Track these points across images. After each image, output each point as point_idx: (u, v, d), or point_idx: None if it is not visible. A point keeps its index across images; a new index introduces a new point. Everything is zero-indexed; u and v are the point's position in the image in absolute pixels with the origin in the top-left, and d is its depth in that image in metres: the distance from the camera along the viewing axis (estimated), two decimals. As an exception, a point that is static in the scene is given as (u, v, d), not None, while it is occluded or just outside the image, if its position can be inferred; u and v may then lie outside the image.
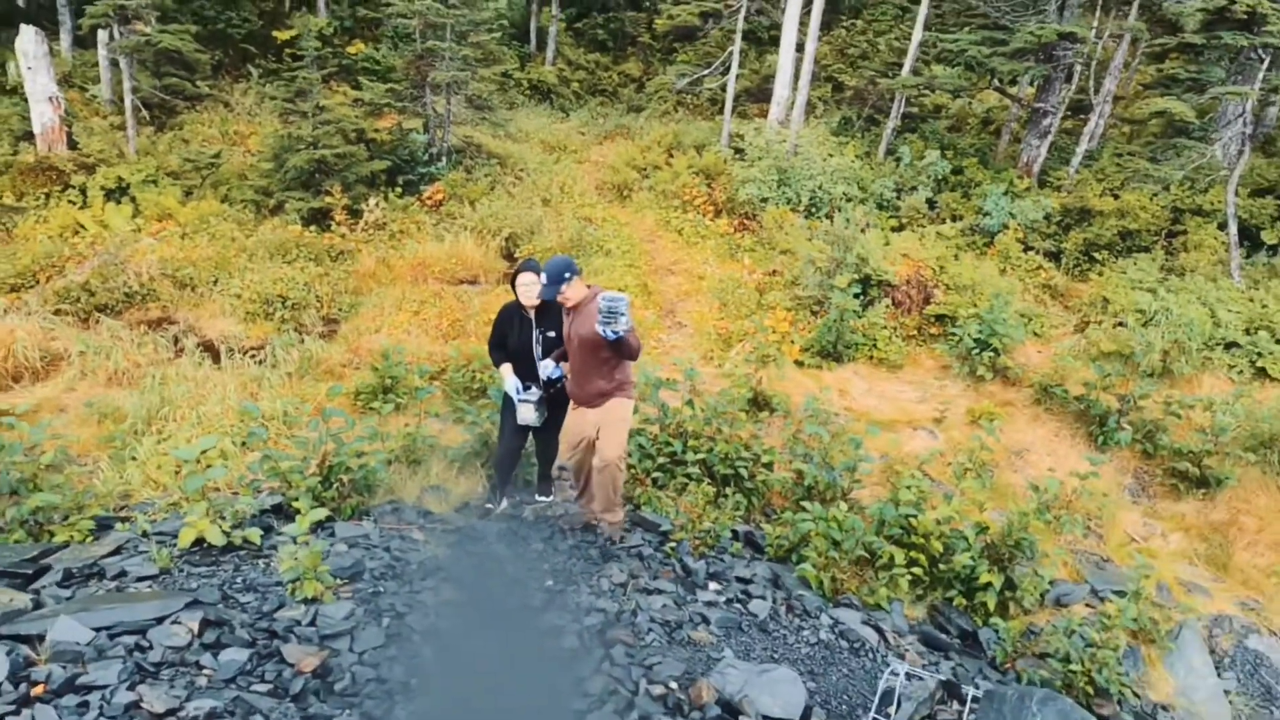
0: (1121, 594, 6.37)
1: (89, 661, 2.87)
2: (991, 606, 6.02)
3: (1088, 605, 6.60)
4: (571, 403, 5.29)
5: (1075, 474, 7.01)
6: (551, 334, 5.24)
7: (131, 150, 13.47)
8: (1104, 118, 15.48)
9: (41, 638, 3.02)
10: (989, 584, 6.04)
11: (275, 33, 17.97)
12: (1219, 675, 6.16)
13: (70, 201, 12.22)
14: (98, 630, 3.10)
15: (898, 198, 14.06)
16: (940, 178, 14.35)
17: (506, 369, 5.38)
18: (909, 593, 5.97)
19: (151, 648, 3.04)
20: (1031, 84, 17.09)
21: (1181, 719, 5.71)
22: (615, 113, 19.15)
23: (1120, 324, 10.47)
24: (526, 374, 5.35)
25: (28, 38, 12.46)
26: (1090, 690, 5.39)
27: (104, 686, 2.73)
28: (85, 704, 2.62)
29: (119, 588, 3.76)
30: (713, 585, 4.94)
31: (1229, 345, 10.19)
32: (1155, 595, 6.62)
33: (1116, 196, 13.45)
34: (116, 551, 4.32)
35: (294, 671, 3.09)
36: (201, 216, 12.13)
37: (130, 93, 13.37)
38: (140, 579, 3.85)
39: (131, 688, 2.73)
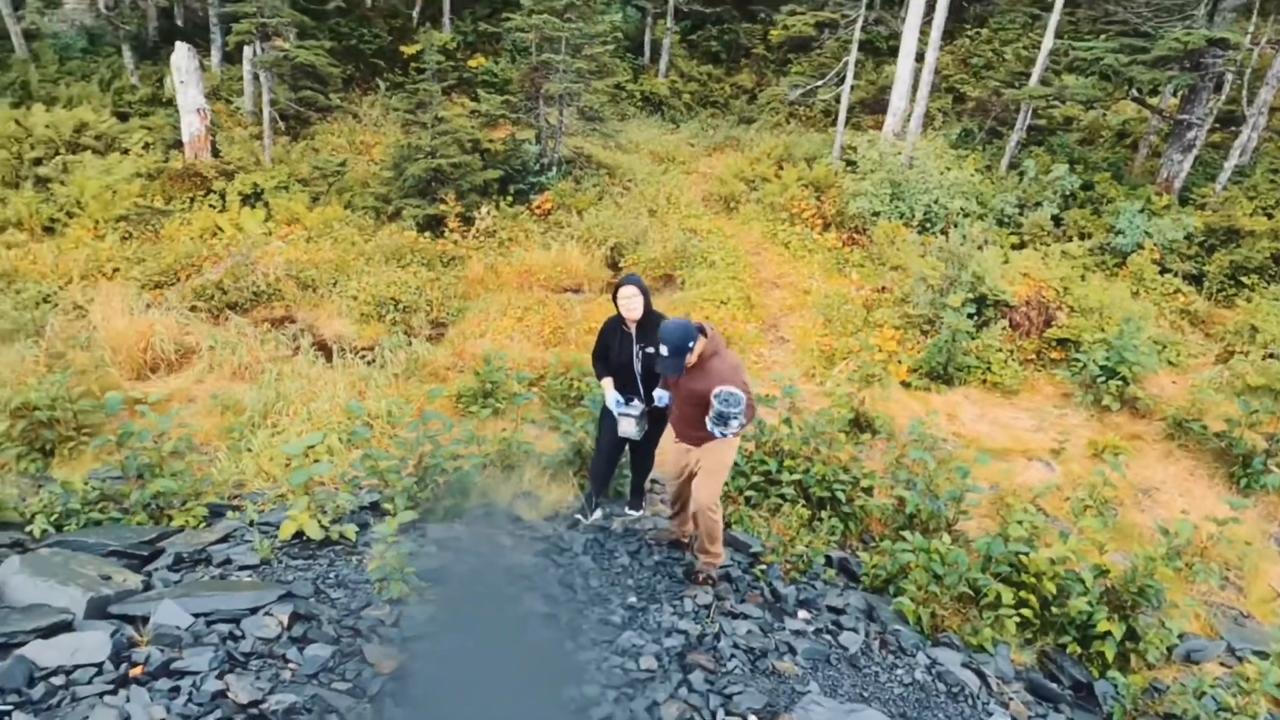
0: (1264, 655, 5.75)
1: (185, 647, 3.00)
2: (1110, 657, 5.54)
3: (1222, 664, 5.99)
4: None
5: (1212, 518, 6.40)
6: (651, 350, 5.01)
7: (267, 158, 14.37)
8: (1258, 130, 14.27)
9: (146, 619, 3.17)
10: (1108, 633, 5.56)
11: (403, 48, 18.85)
12: (1379, 755, 5.46)
13: (211, 206, 13.12)
14: (197, 616, 3.23)
15: (1020, 214, 13.36)
16: (1068, 193, 13.55)
17: (608, 383, 5.29)
18: (1016, 636, 5.58)
19: (243, 637, 3.15)
20: (1175, 94, 15.96)
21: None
22: (726, 124, 19.06)
23: (1271, 355, 9.55)
24: (627, 387, 5.25)
25: (181, 54, 13.46)
26: (1223, 761, 4.88)
27: (195, 673, 2.83)
28: (176, 689, 2.73)
29: (222, 575, 3.93)
30: (802, 613, 4.74)
31: (1400, 384, 9.10)
32: (1304, 659, 5.94)
33: (1270, 215, 12.35)
34: (225, 539, 4.53)
35: (373, 672, 3.13)
36: (326, 221, 12.79)
37: (268, 104, 14.26)
38: (242, 568, 4.02)
39: (220, 676, 2.83)
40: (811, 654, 4.23)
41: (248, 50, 15.37)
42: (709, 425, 4.29)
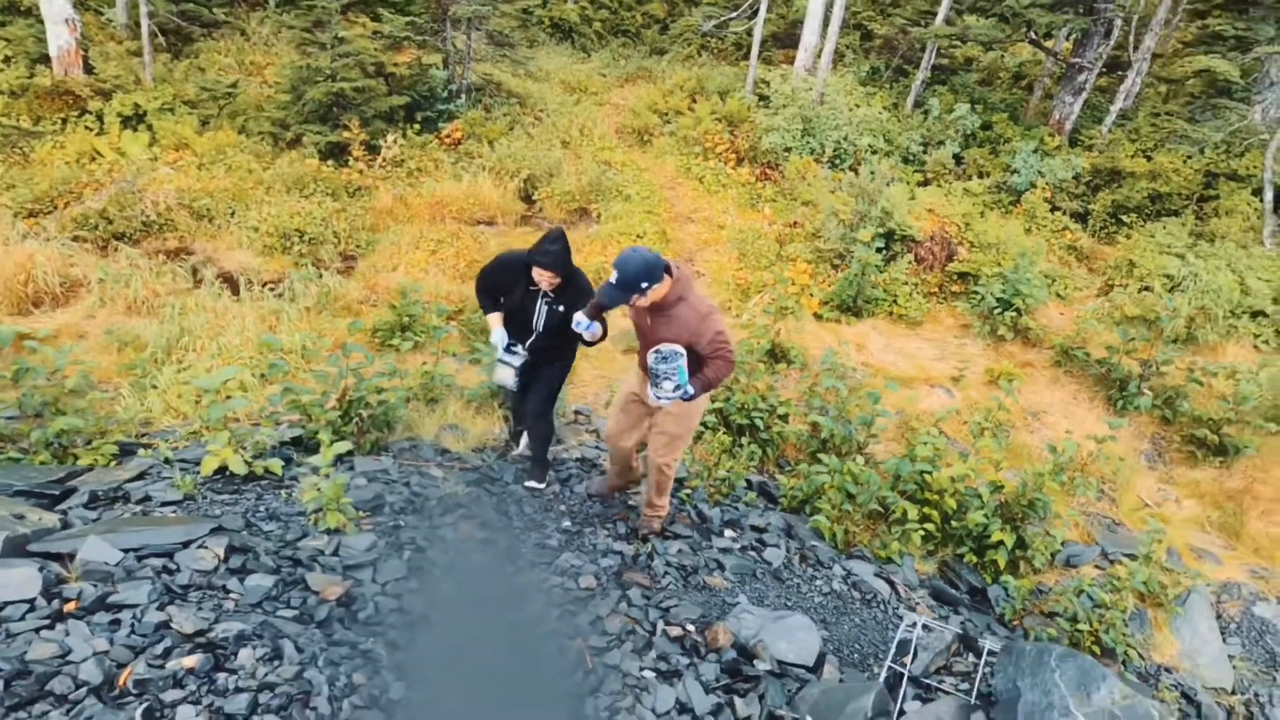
0: (1132, 557, 6.38)
1: (118, 581, 2.91)
2: (1002, 565, 6.06)
3: (1097, 567, 6.62)
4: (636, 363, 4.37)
5: (1092, 437, 6.99)
6: (561, 309, 4.35)
7: (148, 77, 13.27)
8: (1141, 76, 15.05)
9: (71, 556, 3.06)
10: (1000, 542, 6.06)
11: (293, -41, 17.56)
12: (1224, 640, 6.20)
13: (87, 128, 12.09)
14: (126, 551, 3.13)
15: (924, 152, 13.79)
16: (969, 133, 14.05)
17: (495, 318, 4.54)
18: (920, 548, 6.01)
19: (179, 570, 3.08)
20: (1069, 38, 16.61)
21: (1184, 680, 5.76)
22: (638, 54, 18.73)
23: (1146, 288, 10.32)
24: (516, 334, 4.54)
25: (43, -44, 12.18)
26: (1096, 650, 5.45)
27: (134, 605, 2.76)
28: (117, 621, 2.66)
29: (144, 512, 3.80)
30: (728, 532, 4.97)
31: (1256, 314, 10.03)
32: (1165, 560, 6.63)
33: (1149, 158, 13.15)
34: (140, 477, 4.35)
35: (318, 599, 3.13)
36: (218, 147, 12.01)
37: (146, 17, 13.12)
38: (164, 504, 3.89)
39: (161, 608, 2.77)
40: (739, 569, 4.45)
41: (119, -45, 14.05)
42: (649, 390, 3.82)
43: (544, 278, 4.20)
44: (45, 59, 12.96)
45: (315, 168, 11.70)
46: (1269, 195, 11.28)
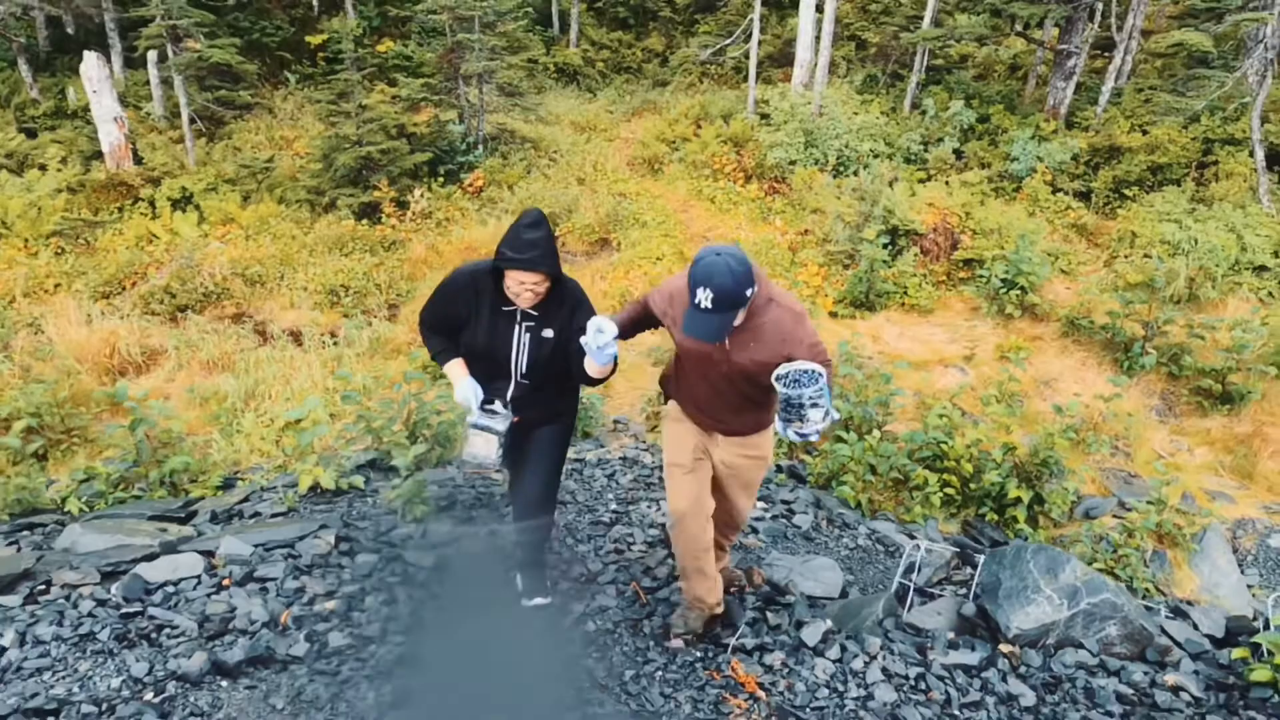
0: (1149, 504, 6.80)
1: (257, 564, 3.58)
2: (1022, 520, 6.50)
3: (1115, 517, 7.02)
4: (677, 406, 3.23)
5: (1100, 396, 7.43)
6: (548, 334, 3.00)
7: (191, 161, 14.38)
8: (1130, 54, 15.50)
9: (212, 553, 3.73)
10: (1018, 499, 6.52)
11: (308, 38, 18.76)
12: (1242, 572, 6.57)
13: (141, 214, 13.15)
14: (256, 546, 3.80)
15: (925, 150, 14.33)
16: (966, 127, 14.57)
17: (458, 366, 3.12)
18: (942, 510, 6.49)
19: (301, 556, 3.73)
20: (1055, 26, 17.12)
21: (1205, 610, 6.13)
22: (641, 89, 19.58)
23: (1147, 256, 10.73)
24: (492, 382, 3.11)
25: (90, 63, 13.37)
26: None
27: (274, 579, 3.42)
28: (265, 588, 3.32)
29: (257, 524, 4.48)
30: (759, 505, 5.52)
31: (1258, 269, 10.39)
32: (1180, 504, 7.02)
33: (1145, 132, 13.56)
34: (245, 500, 5.05)
35: (416, 567, 3.76)
36: (261, 218, 12.98)
37: (186, 107, 14.24)
38: (273, 516, 4.57)
39: (295, 578, 3.43)
40: (771, 531, 5.00)
41: (152, 54, 15.24)
42: (778, 425, 2.70)
43: (525, 285, 2.84)
44: (97, 155, 14.14)
45: (352, 228, 12.60)
46: (1260, 154, 11.65)
